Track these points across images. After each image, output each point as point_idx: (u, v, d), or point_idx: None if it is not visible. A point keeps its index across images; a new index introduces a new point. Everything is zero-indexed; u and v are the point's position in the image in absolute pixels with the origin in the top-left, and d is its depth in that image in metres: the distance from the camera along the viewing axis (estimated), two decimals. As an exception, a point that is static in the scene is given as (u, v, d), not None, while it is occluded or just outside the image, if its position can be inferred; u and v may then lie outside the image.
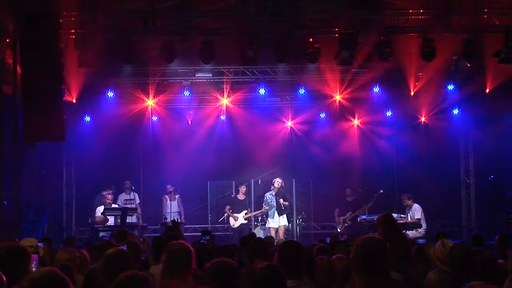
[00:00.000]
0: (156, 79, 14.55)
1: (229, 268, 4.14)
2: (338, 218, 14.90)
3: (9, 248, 3.81)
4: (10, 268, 3.65)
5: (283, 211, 13.94)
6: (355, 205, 14.62)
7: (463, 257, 4.56)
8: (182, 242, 4.69)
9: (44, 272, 2.96)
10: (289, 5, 11.24)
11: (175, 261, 4.46)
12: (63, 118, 11.38)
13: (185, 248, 4.53)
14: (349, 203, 14.81)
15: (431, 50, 12.17)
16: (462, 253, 4.59)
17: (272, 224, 13.90)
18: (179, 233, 7.21)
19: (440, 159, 15.80)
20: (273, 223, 13.89)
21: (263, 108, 16.06)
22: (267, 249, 5.65)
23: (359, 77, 14.81)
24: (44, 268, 3.03)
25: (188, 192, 15.30)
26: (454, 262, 4.54)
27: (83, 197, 15.37)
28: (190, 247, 4.61)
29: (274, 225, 13.86)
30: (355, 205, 14.62)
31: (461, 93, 15.06)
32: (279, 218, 13.88)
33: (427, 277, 3.96)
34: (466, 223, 16.08)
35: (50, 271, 2.95)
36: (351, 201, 14.82)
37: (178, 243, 4.64)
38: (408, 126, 15.95)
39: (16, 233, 10.65)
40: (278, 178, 14.15)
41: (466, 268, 4.48)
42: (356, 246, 3.39)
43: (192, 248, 4.61)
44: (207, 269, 4.16)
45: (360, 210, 14.36)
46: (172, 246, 4.58)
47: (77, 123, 14.84)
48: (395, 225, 5.13)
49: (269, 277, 3.33)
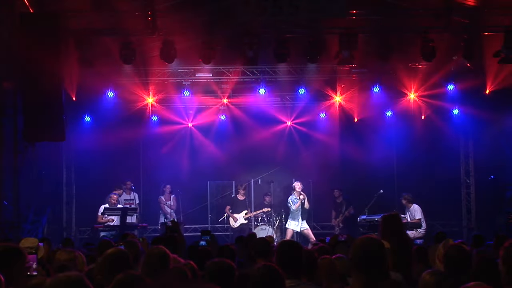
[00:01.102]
0: (156, 79, 14.55)
1: (226, 268, 4.14)
2: (334, 220, 15.00)
3: (4, 249, 3.82)
4: (5, 268, 3.65)
5: (305, 214, 14.15)
6: (347, 205, 14.71)
7: (458, 257, 4.55)
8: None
9: (70, 275, 2.92)
10: (289, 5, 11.24)
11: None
12: (63, 118, 11.39)
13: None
14: (339, 205, 14.88)
15: (431, 50, 12.18)
16: (457, 254, 4.58)
17: (293, 226, 14.02)
18: (179, 233, 7.21)
19: (440, 159, 15.80)
20: (296, 225, 14.01)
21: (263, 108, 16.05)
22: (269, 249, 5.66)
23: (359, 77, 14.83)
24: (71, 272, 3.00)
25: (188, 192, 15.30)
26: (449, 263, 4.54)
27: (83, 197, 15.37)
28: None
29: (296, 228, 14.00)
30: (347, 205, 14.71)
31: (461, 93, 15.05)
32: (301, 222, 14.04)
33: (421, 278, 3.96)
34: (466, 223, 16.07)
35: (77, 275, 2.91)
36: (340, 202, 14.90)
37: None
38: (408, 126, 15.94)
39: (16, 233, 10.66)
40: (298, 182, 14.22)
41: (462, 269, 4.47)
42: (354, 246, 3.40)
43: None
44: (205, 269, 4.17)
45: (349, 210, 14.46)
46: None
47: (77, 123, 14.84)
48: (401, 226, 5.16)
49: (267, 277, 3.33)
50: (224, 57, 13.27)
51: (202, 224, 15.83)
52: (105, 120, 15.00)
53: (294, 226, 14.02)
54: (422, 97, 15.30)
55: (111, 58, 12.45)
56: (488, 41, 12.53)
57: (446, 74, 14.42)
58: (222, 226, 15.53)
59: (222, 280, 3.98)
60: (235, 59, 13.02)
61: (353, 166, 15.69)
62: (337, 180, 15.60)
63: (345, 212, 14.66)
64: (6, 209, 11.23)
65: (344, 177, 15.63)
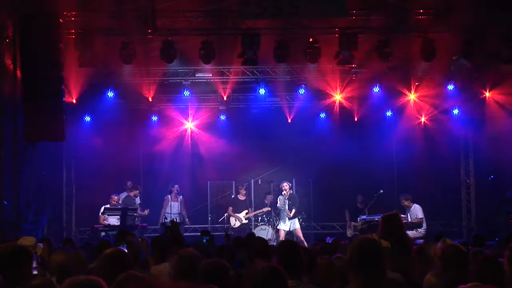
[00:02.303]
0: (156, 79, 14.56)
1: (221, 268, 4.14)
2: (349, 222, 14.66)
3: (12, 249, 3.81)
4: (12, 268, 3.65)
5: (295, 214, 14.05)
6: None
7: (455, 256, 4.55)
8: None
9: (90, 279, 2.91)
10: (289, 5, 11.24)
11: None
12: (63, 118, 11.40)
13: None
14: (360, 210, 14.65)
15: (431, 50, 12.18)
16: (454, 253, 4.58)
17: (283, 227, 13.99)
18: (178, 233, 7.20)
19: (440, 159, 15.80)
20: (285, 226, 13.98)
21: (263, 108, 16.05)
22: (268, 249, 5.66)
23: (359, 77, 14.83)
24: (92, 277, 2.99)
25: (188, 192, 15.30)
26: (446, 262, 4.54)
27: (83, 197, 15.37)
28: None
29: (285, 228, 13.95)
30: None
31: (461, 93, 15.05)
32: (290, 222, 13.98)
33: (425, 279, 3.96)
34: (466, 223, 16.07)
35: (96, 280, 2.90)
36: (362, 208, 14.59)
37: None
38: (408, 126, 15.94)
39: (16, 233, 10.65)
40: (285, 183, 14.16)
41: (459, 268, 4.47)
42: (352, 246, 3.41)
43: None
44: (200, 269, 4.16)
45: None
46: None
47: (77, 123, 14.84)
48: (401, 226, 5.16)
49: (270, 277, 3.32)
50: (224, 57, 13.27)
51: (202, 224, 15.83)
52: (105, 120, 14.99)
53: (284, 226, 13.97)
54: (422, 97, 15.30)
55: (111, 58, 12.45)
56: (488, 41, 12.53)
57: (446, 74, 14.44)
58: (222, 226, 15.51)
59: (216, 280, 3.97)
60: (235, 59, 13.02)
61: (353, 166, 15.67)
62: (337, 180, 15.58)
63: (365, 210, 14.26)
64: (6, 209, 11.23)
65: (344, 177, 15.61)
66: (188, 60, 13.67)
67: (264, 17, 11.58)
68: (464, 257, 4.60)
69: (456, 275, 4.27)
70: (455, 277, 4.17)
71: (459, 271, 4.41)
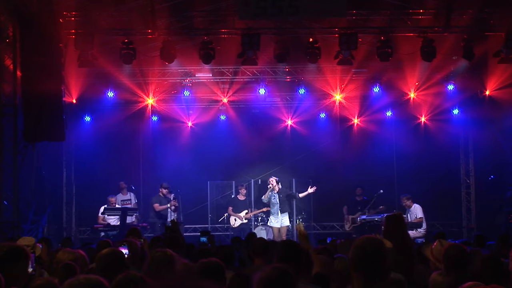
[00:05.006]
0: (156, 79, 14.55)
1: (216, 267, 4.13)
2: (347, 216, 14.68)
3: (8, 248, 3.81)
4: (9, 268, 3.65)
5: (286, 208, 13.83)
6: (365, 205, 14.41)
7: (457, 256, 4.55)
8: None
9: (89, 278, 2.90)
10: (289, 5, 11.24)
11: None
12: (63, 118, 11.40)
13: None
14: (358, 203, 14.65)
15: (431, 50, 12.17)
16: (456, 252, 4.58)
17: (274, 224, 13.83)
18: (178, 233, 7.20)
19: (440, 159, 15.79)
20: (276, 222, 13.79)
21: (263, 108, 16.05)
22: (267, 248, 5.65)
23: (359, 77, 14.83)
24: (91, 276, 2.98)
25: (188, 192, 15.28)
26: (449, 261, 4.54)
27: (83, 197, 15.37)
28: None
29: (276, 225, 13.80)
30: (365, 205, 14.41)
31: (461, 93, 15.05)
32: (281, 218, 13.76)
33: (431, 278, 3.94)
34: (466, 223, 16.07)
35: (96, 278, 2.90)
36: (361, 201, 14.65)
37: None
38: (408, 126, 15.94)
39: (16, 233, 10.65)
40: (271, 178, 14.03)
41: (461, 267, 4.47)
42: (354, 247, 3.38)
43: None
44: (195, 268, 4.15)
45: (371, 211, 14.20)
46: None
47: (77, 123, 14.85)
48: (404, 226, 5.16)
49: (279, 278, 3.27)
50: (224, 57, 13.26)
51: (202, 224, 15.82)
52: (105, 120, 15.00)
53: (275, 223, 13.78)
54: (422, 97, 15.30)
55: (111, 59, 12.44)
56: (488, 41, 12.52)
57: (446, 74, 14.44)
58: (222, 226, 15.52)
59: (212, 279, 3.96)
60: (235, 59, 13.01)
61: (353, 166, 15.66)
62: (337, 180, 15.57)
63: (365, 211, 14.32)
64: (6, 209, 11.24)
65: (344, 177, 15.60)
66: (188, 60, 13.66)
67: (264, 17, 11.56)
68: (467, 257, 4.60)
69: (459, 274, 4.27)
70: (459, 276, 4.17)
71: (462, 270, 4.41)
